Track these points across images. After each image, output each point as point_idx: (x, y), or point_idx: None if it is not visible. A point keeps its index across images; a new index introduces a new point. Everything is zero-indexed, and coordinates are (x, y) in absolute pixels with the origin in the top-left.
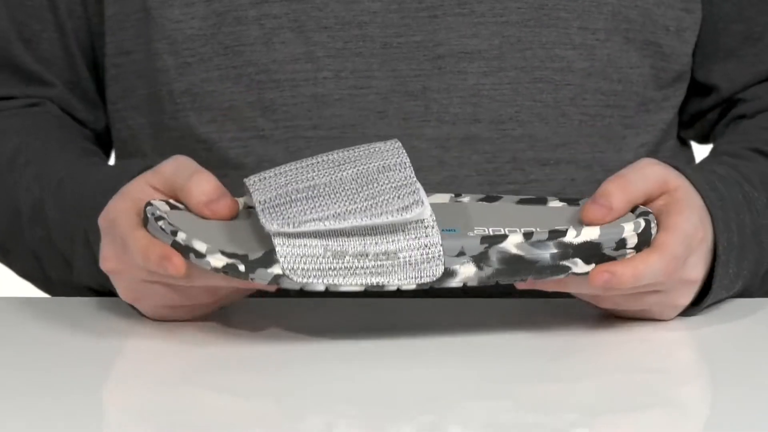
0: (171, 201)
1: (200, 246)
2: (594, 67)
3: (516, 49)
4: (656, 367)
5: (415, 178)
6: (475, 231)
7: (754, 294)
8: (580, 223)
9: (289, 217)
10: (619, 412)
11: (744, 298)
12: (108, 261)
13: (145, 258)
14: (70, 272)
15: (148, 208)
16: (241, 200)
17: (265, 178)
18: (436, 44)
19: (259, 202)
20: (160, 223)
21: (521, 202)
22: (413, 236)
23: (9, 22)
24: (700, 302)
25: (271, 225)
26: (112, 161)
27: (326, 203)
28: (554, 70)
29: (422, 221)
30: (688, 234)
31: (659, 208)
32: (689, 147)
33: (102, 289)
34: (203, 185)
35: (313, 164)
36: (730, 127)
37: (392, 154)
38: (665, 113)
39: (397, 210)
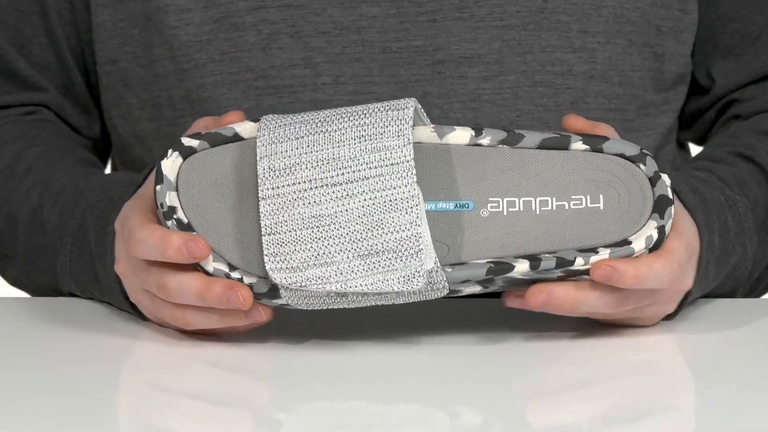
0: (185, 139)
1: (208, 266)
2: (595, 70)
3: (516, 53)
4: (653, 369)
5: (420, 226)
6: (489, 207)
7: (735, 295)
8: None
9: (292, 268)
10: (617, 411)
11: (733, 299)
12: (118, 263)
13: (162, 248)
14: (56, 278)
15: (158, 190)
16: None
17: (275, 169)
18: (436, 49)
19: (266, 227)
20: (169, 222)
21: (543, 144)
22: None
23: (1, 27)
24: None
25: (274, 275)
26: (108, 170)
27: (330, 250)
28: (555, 73)
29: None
30: (689, 241)
31: None
32: (687, 150)
33: (84, 296)
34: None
35: (323, 175)
36: (723, 128)
37: (403, 171)
38: (665, 117)
39: (398, 280)
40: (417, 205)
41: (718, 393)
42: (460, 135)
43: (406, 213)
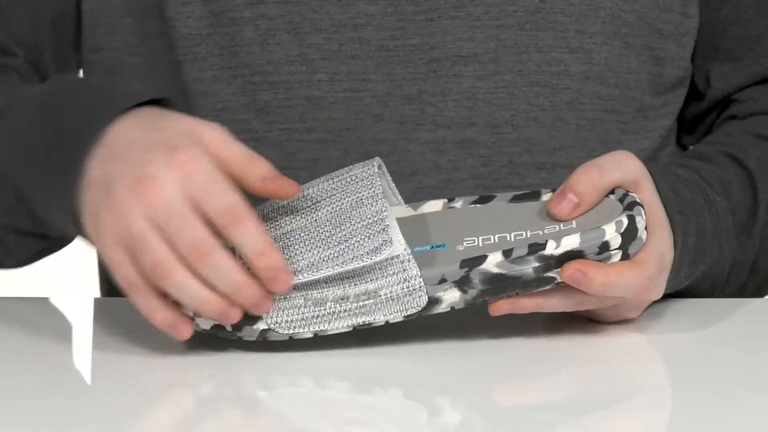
0: None
1: (188, 310)
2: (591, 71)
3: (512, 53)
4: (644, 369)
5: (385, 212)
6: (465, 243)
7: (713, 296)
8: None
9: None
10: (604, 410)
11: (709, 299)
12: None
13: (262, 251)
14: None
15: None
16: None
17: None
18: (432, 47)
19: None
20: None
21: (514, 200)
22: (391, 272)
23: None
24: None
25: None
26: None
27: (301, 251)
28: (551, 74)
29: (397, 257)
30: (662, 254)
31: None
32: None
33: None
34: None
35: (292, 206)
36: (719, 127)
37: (367, 184)
38: (664, 120)
39: (367, 253)
40: (382, 199)
41: (691, 388)
42: (434, 204)
43: (372, 206)
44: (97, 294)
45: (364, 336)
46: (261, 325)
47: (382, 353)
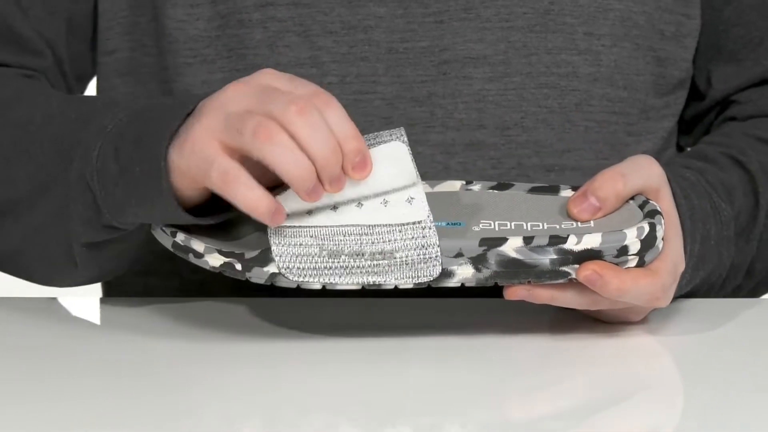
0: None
1: (198, 246)
2: (600, 72)
3: (521, 55)
4: (646, 373)
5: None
6: (481, 225)
7: (709, 297)
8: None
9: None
10: (614, 412)
11: (713, 299)
12: (226, 89)
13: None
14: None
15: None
16: None
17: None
18: (442, 49)
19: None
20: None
21: (533, 190)
22: (410, 236)
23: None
24: None
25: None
26: None
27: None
28: (560, 75)
29: (419, 222)
30: (676, 264)
31: None
32: None
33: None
34: None
35: None
36: (718, 128)
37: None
38: (666, 121)
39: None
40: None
41: (702, 389)
42: (452, 184)
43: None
44: (99, 293)
45: (362, 340)
46: (271, 268)
47: (385, 376)
